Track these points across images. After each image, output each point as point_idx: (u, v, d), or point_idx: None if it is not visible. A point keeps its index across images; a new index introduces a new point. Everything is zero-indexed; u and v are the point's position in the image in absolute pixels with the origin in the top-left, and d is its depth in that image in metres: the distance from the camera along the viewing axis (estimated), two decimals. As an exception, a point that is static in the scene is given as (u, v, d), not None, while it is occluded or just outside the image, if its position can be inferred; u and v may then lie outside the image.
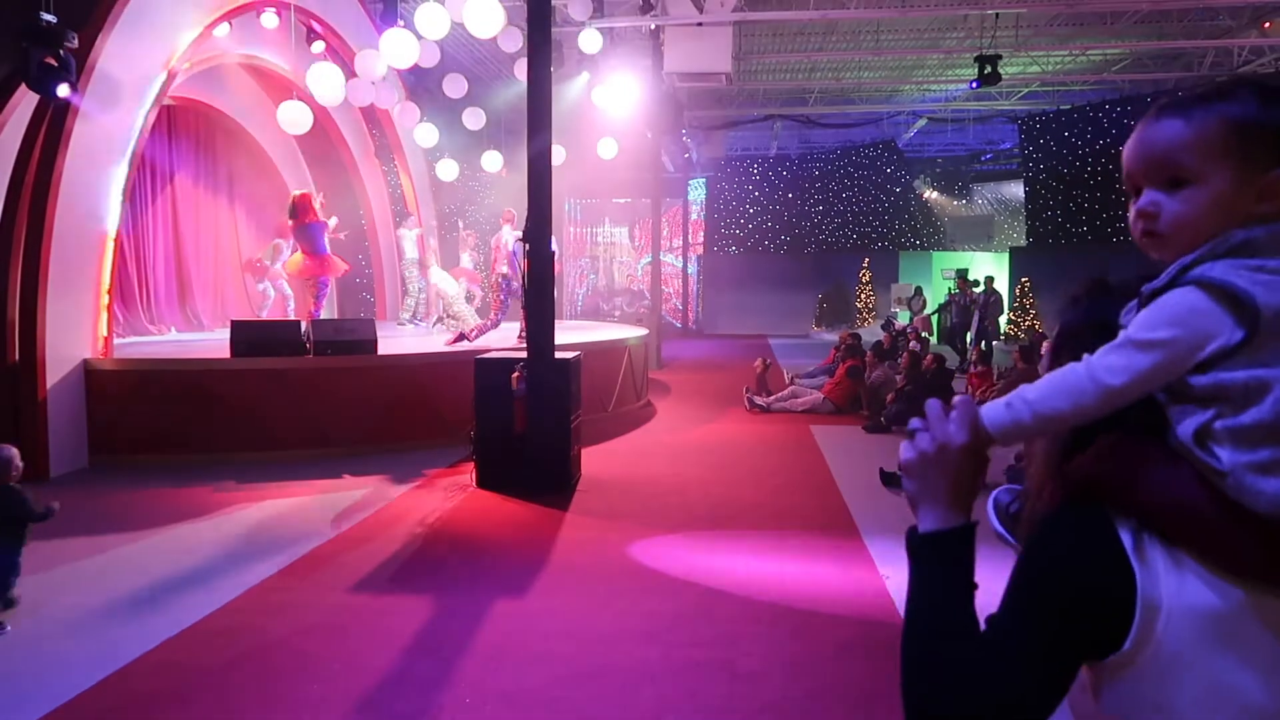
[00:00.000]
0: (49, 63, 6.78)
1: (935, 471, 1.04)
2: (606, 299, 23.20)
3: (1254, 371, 0.89)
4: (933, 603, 1.01)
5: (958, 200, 26.46)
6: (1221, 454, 0.90)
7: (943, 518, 1.03)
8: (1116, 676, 0.94)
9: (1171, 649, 0.90)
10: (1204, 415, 0.92)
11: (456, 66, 13.92)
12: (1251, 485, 0.88)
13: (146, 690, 3.52)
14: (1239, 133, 0.95)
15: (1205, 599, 0.90)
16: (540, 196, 6.76)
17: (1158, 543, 0.93)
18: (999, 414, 1.00)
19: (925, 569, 1.04)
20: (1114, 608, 0.92)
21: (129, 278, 11.13)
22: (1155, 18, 15.00)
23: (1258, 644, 0.89)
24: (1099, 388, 0.94)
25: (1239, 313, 0.90)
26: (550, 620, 4.24)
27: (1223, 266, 0.93)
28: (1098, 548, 0.94)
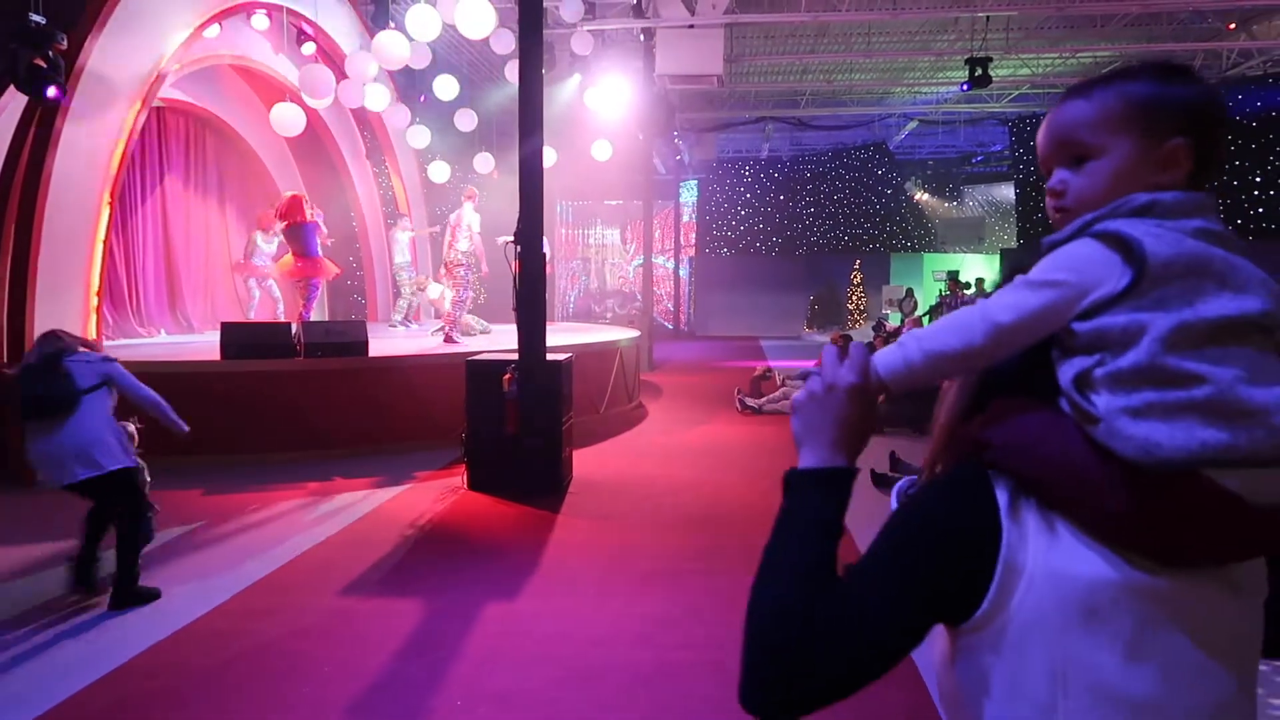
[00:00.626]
0: (38, 64, 6.75)
1: (821, 411, 1.03)
2: (598, 301, 23.20)
3: (1134, 315, 0.89)
4: (793, 537, 0.99)
5: (949, 202, 26.56)
6: (1098, 400, 0.89)
7: (823, 457, 1.02)
8: (971, 645, 0.92)
9: (1028, 616, 0.88)
10: (1086, 361, 0.91)
11: (448, 68, 13.90)
12: (1122, 429, 0.86)
13: (138, 692, 3.50)
14: (1139, 106, 0.99)
15: (1073, 567, 0.88)
16: (532, 198, 6.76)
17: (1034, 506, 0.91)
18: (890, 355, 1.00)
19: (793, 504, 1.02)
20: (976, 566, 0.90)
21: (118, 280, 11.08)
22: (1145, 20, 15.09)
23: (1119, 623, 0.87)
24: (987, 324, 0.94)
25: (1128, 258, 0.90)
26: (542, 622, 4.23)
27: (1122, 222, 0.94)
28: (968, 503, 0.93)
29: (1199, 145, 0.98)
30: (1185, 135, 0.98)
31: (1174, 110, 0.98)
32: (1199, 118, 0.99)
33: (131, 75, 7.93)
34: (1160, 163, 0.98)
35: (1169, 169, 0.98)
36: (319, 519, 5.99)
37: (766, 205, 24.81)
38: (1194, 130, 0.98)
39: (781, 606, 0.93)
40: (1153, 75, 1.00)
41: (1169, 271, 0.89)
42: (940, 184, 26.37)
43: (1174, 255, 0.90)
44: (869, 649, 0.91)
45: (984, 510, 0.92)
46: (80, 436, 4.38)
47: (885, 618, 0.91)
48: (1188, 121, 0.98)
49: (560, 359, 6.95)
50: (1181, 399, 0.86)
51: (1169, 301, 0.88)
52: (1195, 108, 0.99)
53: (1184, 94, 0.99)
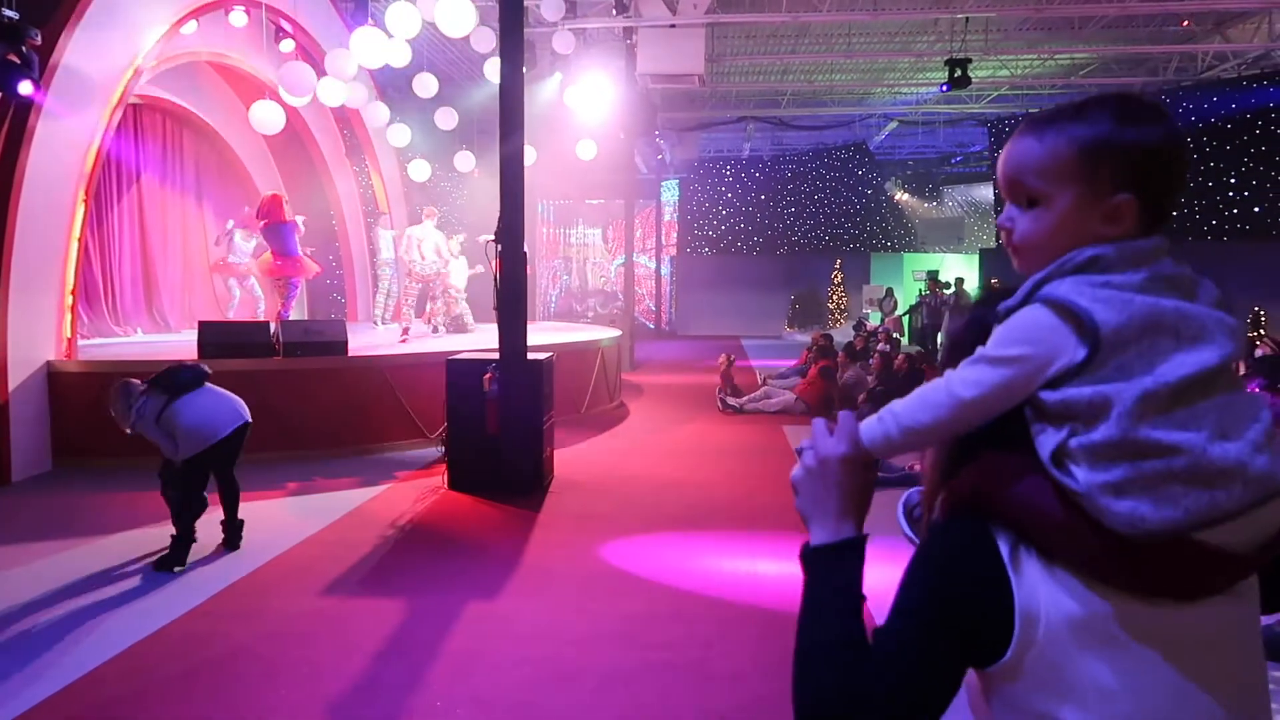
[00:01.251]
0: (11, 59, 6.65)
1: (820, 485, 1.06)
2: (580, 300, 23.17)
3: (1099, 389, 0.90)
4: (820, 615, 1.02)
5: (928, 202, 26.70)
6: (1077, 473, 0.91)
7: (831, 531, 1.05)
8: (1003, 684, 0.95)
9: (1053, 657, 0.91)
10: (1060, 434, 0.93)
11: (428, 66, 13.83)
12: (1106, 506, 0.88)
13: (110, 696, 3.47)
14: (1085, 155, 0.97)
15: (1079, 606, 0.91)
16: (513, 197, 6.74)
17: (1033, 554, 0.94)
18: (871, 428, 1.04)
19: (814, 581, 1.04)
20: (993, 617, 0.93)
21: (94, 278, 10.95)
22: (1121, 23, 15.23)
23: (1136, 651, 0.90)
24: (953, 401, 0.97)
25: (1080, 331, 0.91)
26: (522, 623, 4.22)
27: (1069, 284, 0.94)
28: (975, 559, 0.95)
29: (1147, 198, 0.96)
30: (1131, 190, 0.96)
31: (1120, 162, 0.96)
32: (1148, 170, 0.96)
33: (107, 71, 7.83)
34: (1105, 217, 0.97)
35: (1114, 223, 0.97)
36: (298, 519, 5.94)
37: (748, 205, 24.86)
38: (1141, 184, 0.96)
39: (827, 684, 0.97)
40: (1106, 116, 0.97)
41: (1122, 338, 0.90)
42: (920, 184, 26.51)
43: (1125, 320, 0.90)
44: (913, 702, 0.94)
45: (991, 565, 0.94)
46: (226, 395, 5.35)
47: (922, 676, 0.94)
48: (1135, 175, 0.96)
49: (541, 358, 6.93)
50: (1160, 470, 0.88)
51: (1129, 368, 0.90)
52: (1144, 160, 0.96)
53: (1134, 142, 0.96)
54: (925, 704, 0.94)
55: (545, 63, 14.05)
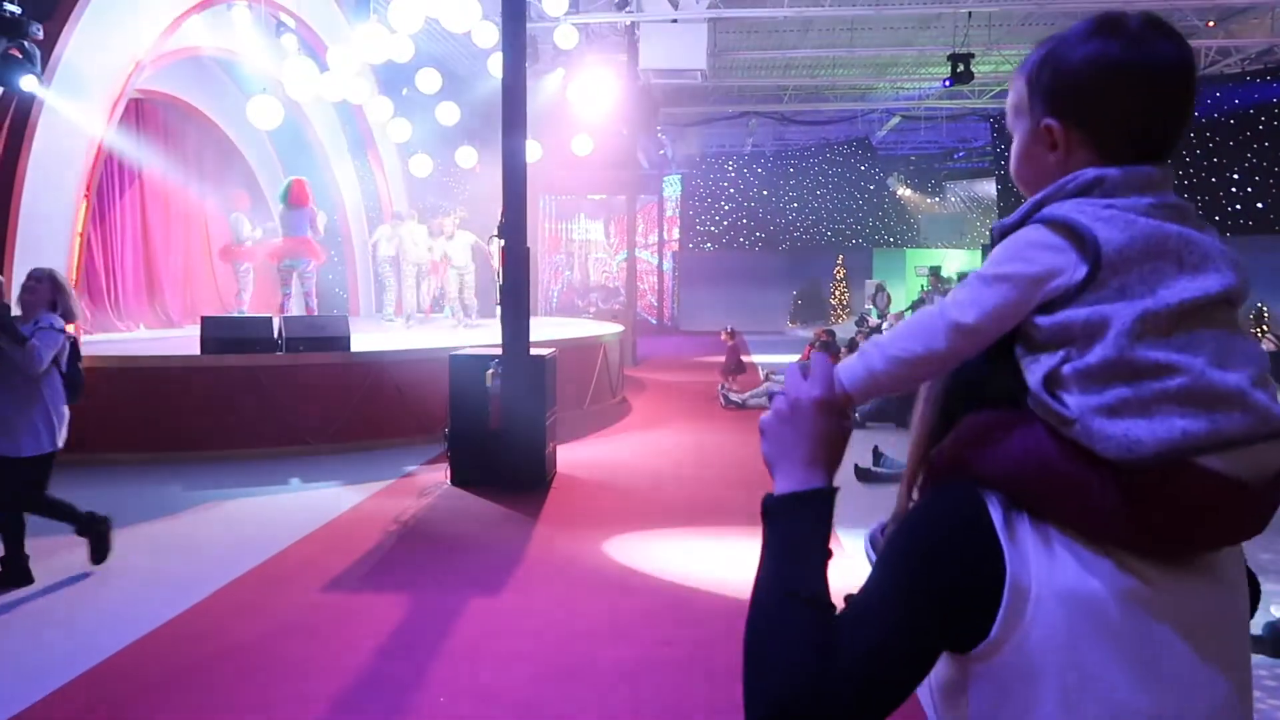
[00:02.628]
0: (13, 54, 6.65)
1: (790, 430, 0.98)
2: (581, 295, 23.17)
3: (1097, 308, 0.86)
4: (782, 566, 0.93)
5: (931, 198, 26.66)
6: (1069, 400, 0.87)
7: (799, 479, 0.96)
8: (981, 671, 0.89)
9: (1040, 638, 0.85)
10: (1052, 359, 0.88)
11: (430, 61, 13.82)
12: (1099, 430, 0.84)
13: (114, 693, 3.47)
14: (1028, 84, 0.98)
15: (1075, 580, 0.85)
16: (515, 193, 6.73)
17: (1026, 520, 0.88)
18: (852, 365, 0.97)
19: (776, 532, 0.96)
20: (982, 589, 0.86)
21: (96, 273, 10.95)
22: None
23: (1127, 636, 0.85)
24: (948, 324, 0.90)
25: (1082, 249, 0.87)
26: (525, 619, 4.22)
27: (1071, 204, 0.91)
28: (967, 524, 0.89)
29: (1083, 123, 0.93)
30: (1056, 115, 0.94)
31: (1047, 87, 0.95)
32: (1072, 93, 0.93)
33: (109, 66, 7.84)
34: (1045, 143, 0.95)
35: (1055, 150, 0.95)
36: (300, 515, 5.94)
37: (750, 200, 24.83)
38: (1066, 109, 0.93)
39: (783, 640, 0.88)
40: (1052, 41, 0.96)
41: (1125, 258, 0.86)
42: (922, 179, 26.46)
43: (1128, 240, 0.87)
44: (879, 683, 0.87)
45: (981, 531, 0.88)
46: None
47: (894, 650, 0.87)
48: (1059, 99, 0.94)
49: (544, 354, 6.93)
50: (1155, 391, 0.84)
51: (1130, 289, 0.86)
52: (1068, 83, 0.93)
53: (1061, 66, 0.94)
54: (895, 683, 0.87)
55: (548, 58, 14.04)
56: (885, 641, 0.87)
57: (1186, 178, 16.71)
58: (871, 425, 9.21)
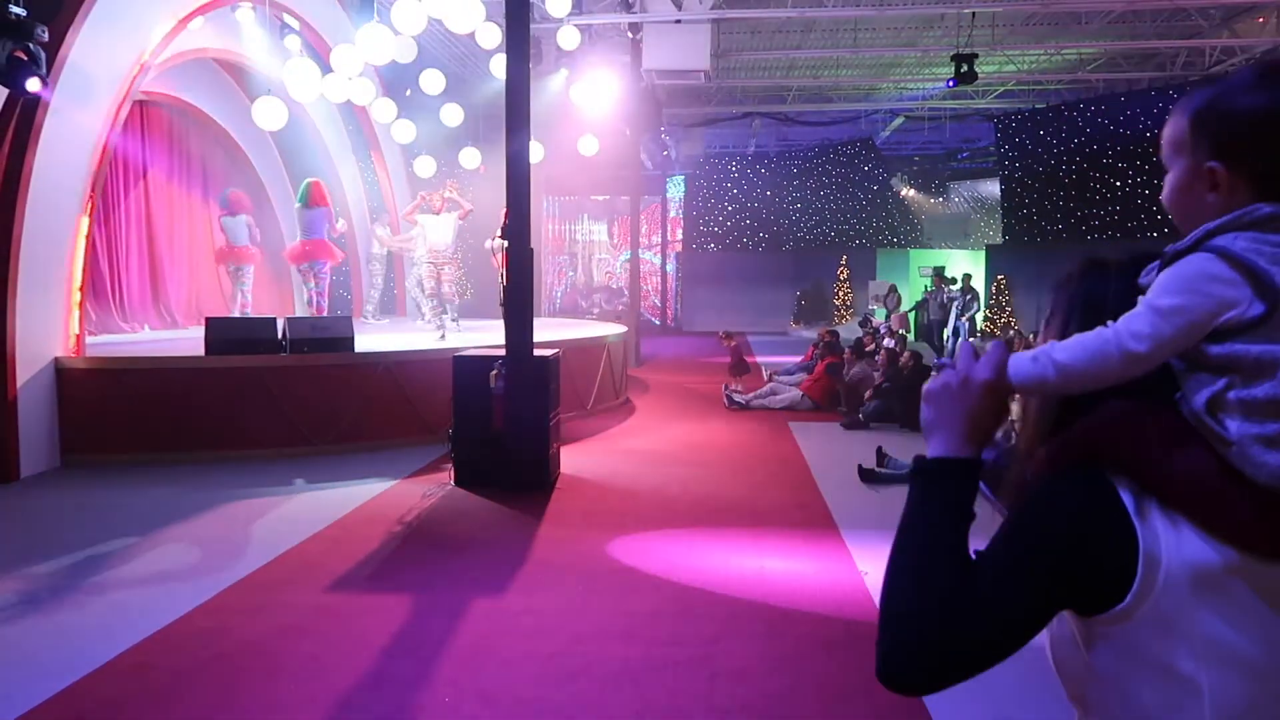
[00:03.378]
0: (18, 56, 6.66)
1: (954, 402, 1.06)
2: (585, 296, 23.19)
3: (1269, 347, 0.92)
4: (928, 524, 1.03)
5: (935, 198, 26.63)
6: (1230, 424, 0.93)
7: (954, 447, 1.05)
8: (1112, 633, 0.97)
9: (1169, 604, 0.93)
10: (1216, 385, 0.95)
11: (434, 62, 13.84)
12: (1255, 456, 0.91)
13: (119, 693, 3.48)
14: (1191, 124, 1.02)
15: (1202, 556, 0.93)
16: (519, 194, 6.74)
17: (1155, 505, 0.96)
18: (1024, 365, 1.02)
19: (925, 491, 1.06)
20: (1113, 563, 0.95)
21: (101, 275, 10.99)
22: (1128, 18, 15.16)
23: (1250, 603, 0.92)
24: (1123, 353, 0.96)
25: (1259, 289, 0.92)
26: (529, 619, 4.23)
27: (1246, 240, 0.95)
28: (1101, 505, 0.97)
29: (1243, 167, 0.98)
30: (1221, 158, 0.98)
31: (1214, 130, 0.99)
32: (1242, 138, 0.98)
33: (114, 68, 7.85)
34: (1206, 184, 1.00)
35: (1215, 190, 1.00)
36: (304, 515, 5.95)
37: (753, 201, 24.82)
38: (1232, 152, 0.98)
39: (927, 586, 0.98)
40: (1221, 85, 1.01)
41: None
42: (926, 180, 26.43)
43: None
44: (1004, 631, 0.96)
45: (1116, 513, 0.96)
46: None
47: (1020, 605, 0.96)
48: (1226, 142, 0.98)
49: (547, 355, 6.94)
50: None
51: None
52: (1237, 128, 0.98)
53: (1229, 110, 0.98)
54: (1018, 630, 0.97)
55: (551, 59, 14.05)
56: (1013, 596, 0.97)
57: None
58: (875, 426, 9.20)
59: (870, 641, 1.01)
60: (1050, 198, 19.69)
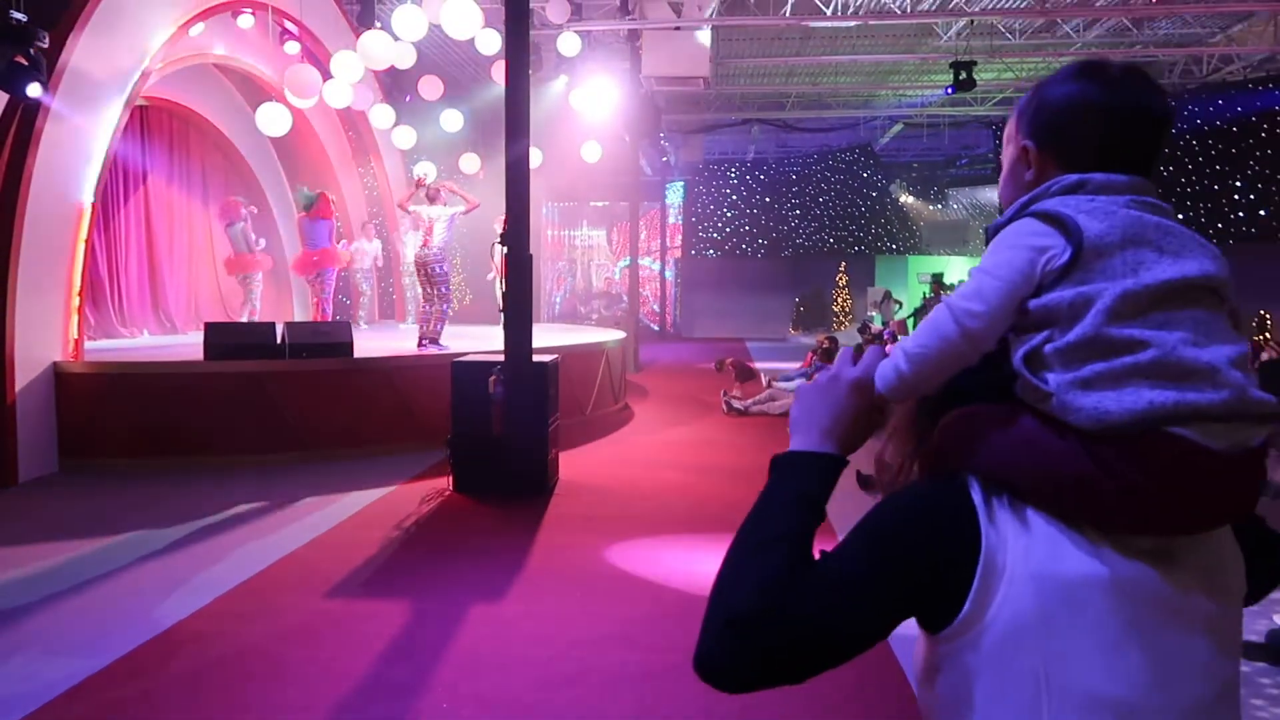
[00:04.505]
0: (19, 62, 6.68)
1: (820, 400, 1.05)
2: (584, 302, 23.19)
3: (1079, 289, 0.92)
4: (772, 513, 0.99)
5: (933, 205, 26.66)
6: (1049, 376, 0.92)
7: (812, 442, 1.04)
8: (952, 652, 0.91)
9: (1010, 619, 0.87)
10: (1036, 338, 0.94)
11: (434, 68, 13.86)
12: (1072, 401, 0.89)
13: (117, 698, 3.47)
14: (1018, 114, 1.09)
15: (1054, 566, 0.88)
16: (519, 200, 6.75)
17: (1006, 502, 0.92)
18: (883, 369, 1.03)
19: (775, 483, 1.03)
20: (954, 564, 0.90)
21: (100, 279, 10.99)
22: (1126, 26, 15.20)
23: (1103, 621, 0.87)
24: (959, 315, 0.96)
25: (1066, 235, 0.94)
26: (528, 625, 4.22)
27: (1055, 200, 0.98)
28: (948, 503, 0.94)
29: (1053, 146, 1.03)
30: (1031, 139, 1.05)
31: (1028, 115, 1.06)
32: (1047, 120, 1.04)
33: (114, 74, 7.86)
34: (1024, 162, 1.06)
35: (1030, 168, 1.05)
36: (302, 521, 5.95)
37: (752, 207, 24.85)
38: (1040, 133, 1.04)
39: (757, 577, 0.93)
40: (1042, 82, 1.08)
41: (1106, 243, 0.92)
42: (925, 186, 26.46)
43: (1108, 228, 0.93)
44: (839, 633, 0.91)
45: (961, 508, 0.93)
46: None
47: (860, 604, 0.91)
48: (1035, 125, 1.05)
49: (546, 360, 6.94)
50: (1127, 364, 0.88)
51: (1112, 272, 0.91)
52: (1044, 111, 1.04)
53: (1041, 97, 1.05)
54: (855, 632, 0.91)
55: (550, 65, 14.08)
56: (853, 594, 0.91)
57: (1189, 185, 16.71)
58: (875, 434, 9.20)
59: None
60: (1048, 204, 19.69)
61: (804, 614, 0.90)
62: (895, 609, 0.93)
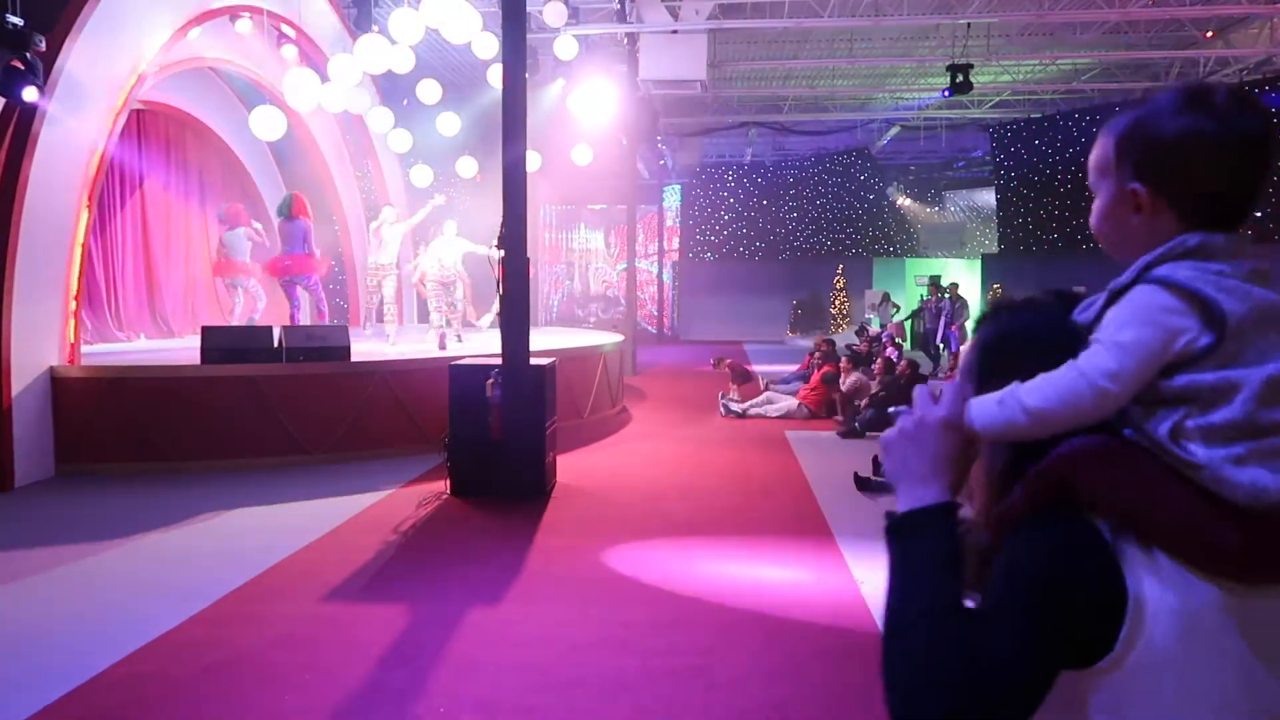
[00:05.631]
0: (15, 66, 6.67)
1: (914, 448, 1.02)
2: (582, 305, 23.18)
3: (1223, 374, 0.93)
4: (918, 581, 0.97)
5: (931, 207, 26.71)
6: (1195, 450, 0.92)
7: (922, 495, 1.00)
8: (1102, 684, 0.93)
9: (1157, 648, 0.90)
10: (1175, 415, 0.94)
11: (431, 72, 13.86)
12: (1229, 477, 0.90)
13: (113, 703, 3.46)
14: (1118, 147, 1.03)
15: (1182, 598, 0.90)
16: (516, 203, 6.75)
17: (1133, 543, 0.93)
18: (989, 411, 0.99)
19: (905, 550, 1.00)
20: (1106, 610, 0.91)
21: (97, 284, 10.98)
22: (1123, 29, 15.23)
23: (1233, 643, 0.90)
24: (1097, 392, 0.95)
25: (1206, 318, 0.93)
26: (525, 629, 4.21)
27: (1186, 269, 0.96)
28: (1089, 550, 0.93)
29: (1166, 190, 0.99)
30: (1142, 180, 0.99)
31: (1137, 153, 1.00)
32: (1160, 162, 0.99)
33: (110, 78, 7.85)
34: (1130, 206, 1.01)
35: (1140, 212, 1.01)
36: (300, 525, 5.94)
37: (750, 210, 24.88)
38: (1151, 175, 0.99)
39: (941, 656, 0.92)
40: (1143, 109, 1.01)
41: (1245, 327, 0.93)
42: (922, 189, 26.52)
43: (1248, 310, 0.94)
44: (1029, 701, 0.91)
45: (1105, 556, 0.93)
46: None
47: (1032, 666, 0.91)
48: (1147, 166, 0.99)
49: (543, 363, 6.93)
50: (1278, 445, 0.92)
51: (1250, 356, 0.93)
52: (1156, 151, 0.99)
53: (1150, 134, 0.99)
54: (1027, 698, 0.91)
55: (548, 68, 14.09)
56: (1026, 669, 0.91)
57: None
58: (871, 435, 9.20)
59: (865, 651, 1.00)
60: (1045, 207, 19.77)
61: (994, 699, 0.90)
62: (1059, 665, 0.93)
